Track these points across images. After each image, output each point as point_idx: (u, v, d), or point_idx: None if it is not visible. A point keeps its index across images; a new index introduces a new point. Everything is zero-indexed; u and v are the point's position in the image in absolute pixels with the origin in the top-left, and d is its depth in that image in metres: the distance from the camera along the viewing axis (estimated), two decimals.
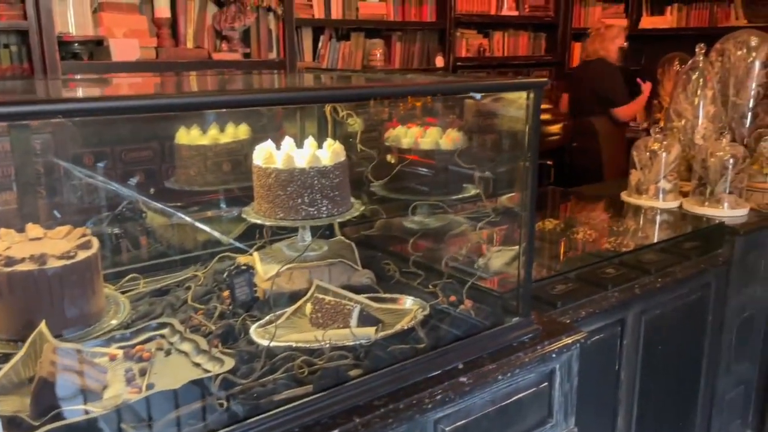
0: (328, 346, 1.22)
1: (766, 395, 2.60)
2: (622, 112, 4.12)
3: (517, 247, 1.45)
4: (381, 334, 1.31)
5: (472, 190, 1.87)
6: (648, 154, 2.59)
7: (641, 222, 2.58)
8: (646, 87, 4.17)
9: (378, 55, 4.24)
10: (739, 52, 2.84)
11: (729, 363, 2.46)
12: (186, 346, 1.26)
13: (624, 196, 2.70)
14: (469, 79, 1.45)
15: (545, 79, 1.34)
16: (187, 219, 1.78)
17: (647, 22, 5.66)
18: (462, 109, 2.19)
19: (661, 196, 2.58)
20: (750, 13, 5.01)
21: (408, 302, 1.47)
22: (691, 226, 2.43)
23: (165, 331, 1.32)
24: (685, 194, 2.61)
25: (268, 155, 1.53)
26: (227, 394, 1.10)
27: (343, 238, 1.81)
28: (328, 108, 1.82)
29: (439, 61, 4.57)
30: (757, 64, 2.80)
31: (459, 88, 1.42)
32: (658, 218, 2.56)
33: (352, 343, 1.26)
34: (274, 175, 1.51)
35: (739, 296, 2.40)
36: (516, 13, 5.02)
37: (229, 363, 1.16)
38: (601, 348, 1.94)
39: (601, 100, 4.13)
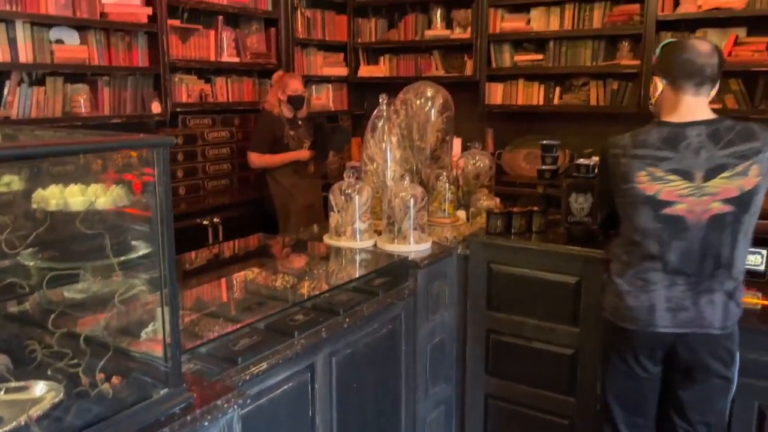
0: None
1: (464, 410, 2.86)
2: (251, 156, 4.47)
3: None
4: None
5: (142, 250, 1.75)
6: (343, 197, 2.72)
7: (341, 263, 2.69)
8: (300, 153, 4.46)
9: (82, 101, 3.91)
10: (419, 101, 3.16)
11: (426, 387, 2.65)
12: None
13: (326, 238, 2.80)
14: (75, 140, 1.33)
15: (171, 138, 1.29)
16: None
17: (365, 70, 6.10)
18: None
19: (357, 236, 2.72)
20: (446, 65, 5.69)
21: (39, 388, 1.30)
22: (383, 263, 2.59)
23: None
24: (380, 233, 2.79)
25: None
26: None
27: None
28: None
29: (156, 107, 4.37)
30: (434, 112, 3.15)
31: (54, 151, 1.30)
32: (357, 258, 2.69)
33: None
34: None
35: (428, 323, 2.62)
36: (237, 60, 5.03)
37: None
38: (293, 397, 1.94)
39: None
